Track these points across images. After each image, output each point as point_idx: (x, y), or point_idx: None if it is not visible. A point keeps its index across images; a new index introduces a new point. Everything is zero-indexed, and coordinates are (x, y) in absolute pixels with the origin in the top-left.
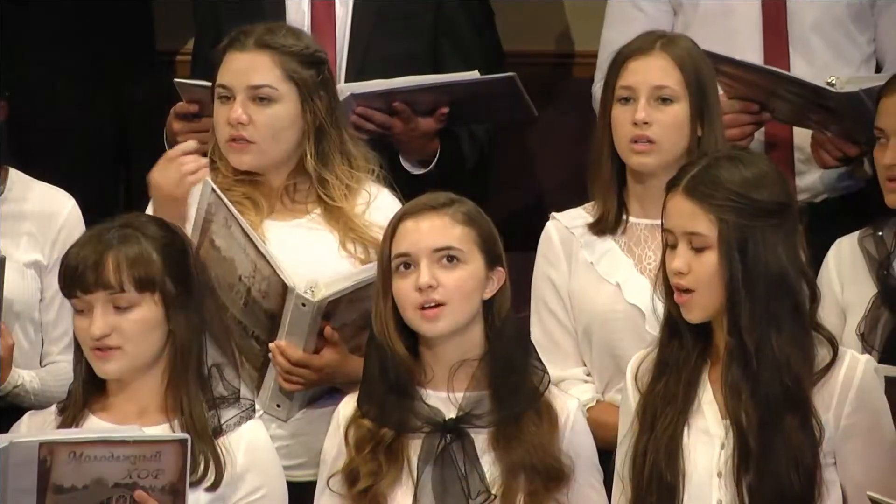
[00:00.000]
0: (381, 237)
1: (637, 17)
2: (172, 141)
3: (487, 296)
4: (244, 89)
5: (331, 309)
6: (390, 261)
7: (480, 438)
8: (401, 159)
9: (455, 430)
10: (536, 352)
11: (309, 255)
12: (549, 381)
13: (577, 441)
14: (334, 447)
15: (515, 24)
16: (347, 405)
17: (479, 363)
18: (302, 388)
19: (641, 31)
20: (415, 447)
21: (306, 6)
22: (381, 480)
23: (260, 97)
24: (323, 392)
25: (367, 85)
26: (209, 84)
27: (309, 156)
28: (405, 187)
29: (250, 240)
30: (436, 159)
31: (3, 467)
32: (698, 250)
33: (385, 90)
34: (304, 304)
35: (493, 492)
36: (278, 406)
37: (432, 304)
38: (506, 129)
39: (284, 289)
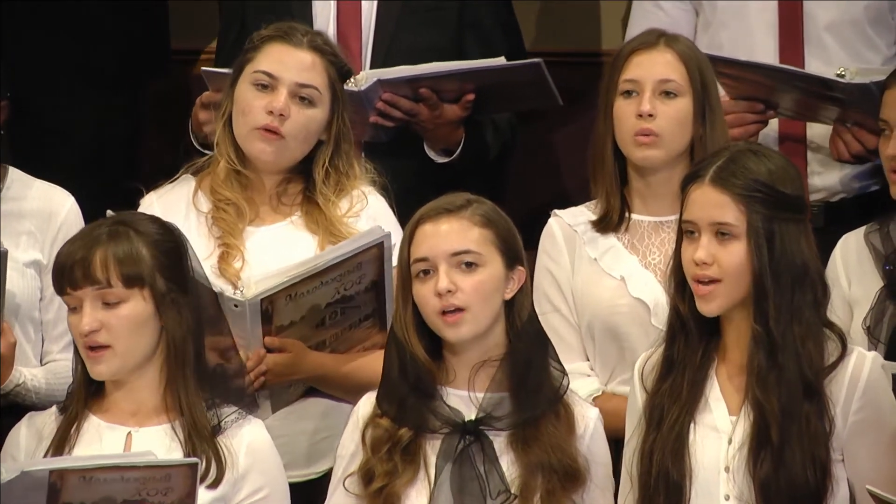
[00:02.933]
0: None
1: (658, 16)
2: (198, 130)
3: (508, 296)
4: (291, 84)
5: (267, 307)
6: (409, 265)
7: (499, 439)
8: (425, 148)
9: (474, 432)
10: (556, 352)
11: (287, 257)
12: (569, 384)
13: (595, 450)
14: (352, 444)
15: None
16: (366, 404)
17: (500, 364)
18: (255, 389)
19: None
20: (433, 447)
21: (333, 5)
22: (396, 480)
23: (302, 96)
24: (301, 392)
25: (393, 71)
26: None
27: (322, 164)
28: (422, 185)
29: None
30: (460, 148)
31: (12, 493)
32: (724, 241)
33: (412, 76)
34: (236, 306)
35: (513, 492)
36: None
37: (452, 309)
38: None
39: (217, 298)
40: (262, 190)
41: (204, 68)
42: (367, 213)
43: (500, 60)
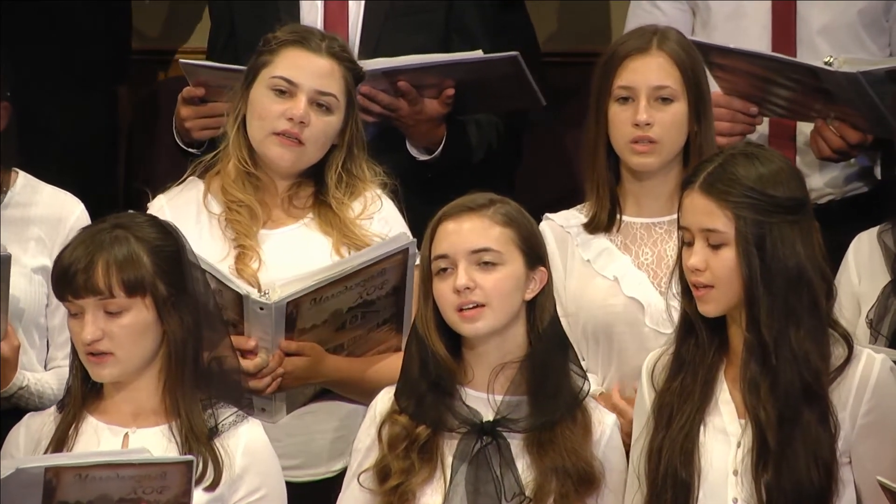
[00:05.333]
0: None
1: (655, 16)
2: (181, 127)
3: (529, 296)
4: (310, 91)
5: (292, 310)
6: (430, 262)
7: (515, 442)
8: (407, 145)
9: (492, 433)
10: (577, 356)
11: (303, 259)
12: (589, 389)
13: (610, 456)
14: (368, 438)
15: None
16: (384, 399)
17: (519, 366)
18: (272, 391)
19: None
20: (449, 446)
21: (319, 5)
22: (412, 478)
23: (320, 103)
24: (314, 394)
25: (371, 63)
26: (216, 65)
27: (334, 168)
28: (414, 185)
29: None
30: (442, 145)
31: (8, 490)
32: (715, 247)
33: (389, 68)
34: (261, 308)
35: (527, 494)
36: (263, 410)
37: (471, 306)
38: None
39: (239, 298)
40: (275, 192)
41: (182, 61)
42: (380, 215)
43: (478, 53)
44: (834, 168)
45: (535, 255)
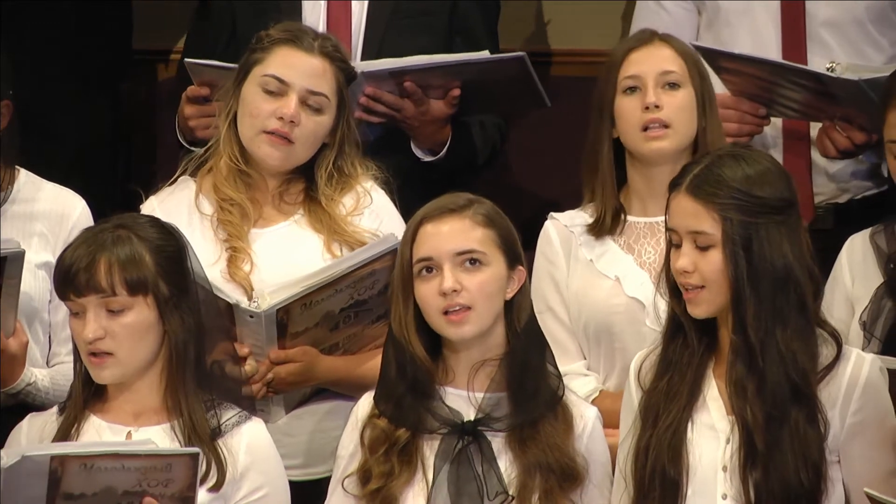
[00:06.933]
0: (368, 241)
1: (661, 16)
2: (184, 126)
3: (509, 296)
4: (301, 90)
5: (283, 316)
6: (411, 265)
7: (497, 440)
8: (412, 146)
9: (473, 432)
10: (553, 356)
11: (294, 259)
12: (565, 388)
13: (593, 448)
14: (351, 444)
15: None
16: (365, 404)
17: (499, 364)
18: (262, 397)
19: (665, 30)
20: (430, 447)
21: (322, 5)
22: (392, 481)
23: (311, 103)
24: (311, 393)
25: (377, 63)
26: (222, 64)
27: (325, 167)
28: (418, 186)
29: None
30: (447, 146)
31: (13, 479)
32: (703, 249)
33: (395, 69)
34: (251, 317)
35: (511, 493)
36: (261, 410)
37: (457, 308)
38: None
39: (229, 307)
40: (265, 189)
41: (187, 60)
42: (371, 209)
43: (484, 54)
44: (850, 167)
45: (513, 254)
